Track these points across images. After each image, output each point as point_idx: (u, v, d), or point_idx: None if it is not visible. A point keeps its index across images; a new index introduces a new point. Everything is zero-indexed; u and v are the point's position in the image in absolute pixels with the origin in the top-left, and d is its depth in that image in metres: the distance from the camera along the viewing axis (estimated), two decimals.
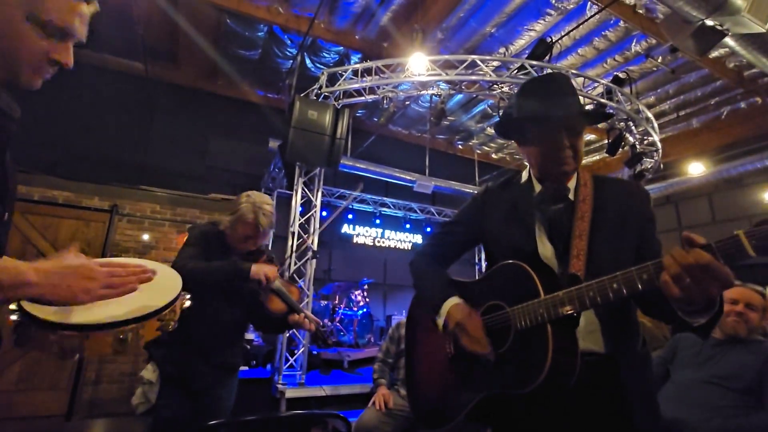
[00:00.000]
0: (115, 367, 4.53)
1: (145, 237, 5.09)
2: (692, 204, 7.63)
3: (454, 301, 1.16)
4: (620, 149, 5.72)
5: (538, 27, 5.26)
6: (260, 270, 1.68)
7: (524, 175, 1.24)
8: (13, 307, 0.69)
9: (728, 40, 3.81)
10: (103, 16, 0.89)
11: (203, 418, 1.74)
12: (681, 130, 7.31)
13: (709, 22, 3.49)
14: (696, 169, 6.70)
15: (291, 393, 3.93)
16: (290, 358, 4.30)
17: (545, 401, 1.02)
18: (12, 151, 0.85)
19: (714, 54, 5.36)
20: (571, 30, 5.13)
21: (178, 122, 6.46)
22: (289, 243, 4.64)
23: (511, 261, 1.09)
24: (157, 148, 6.18)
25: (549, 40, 4.94)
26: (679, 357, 2.16)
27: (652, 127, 5.64)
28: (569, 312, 0.95)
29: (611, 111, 5.33)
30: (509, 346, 1.04)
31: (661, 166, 6.20)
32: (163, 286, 0.85)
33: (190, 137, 6.51)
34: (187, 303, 0.91)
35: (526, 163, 1.25)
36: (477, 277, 1.24)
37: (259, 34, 5.59)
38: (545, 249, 1.11)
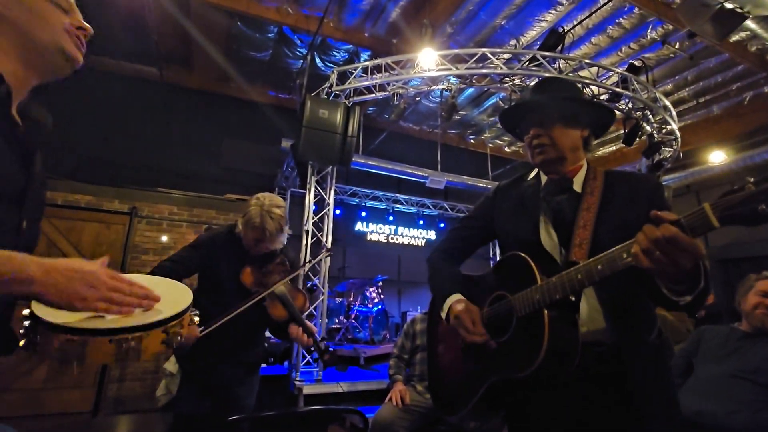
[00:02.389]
0: (138, 365, 4.65)
1: (164, 238, 5.20)
2: (714, 193, 7.15)
3: (455, 297, 1.22)
4: (637, 139, 5.59)
5: (550, 17, 5.16)
6: None
7: (533, 173, 1.30)
8: (26, 312, 0.68)
9: (749, 23, 3.69)
10: (119, 24, 0.93)
11: (222, 415, 1.77)
12: (701, 117, 7.09)
13: (729, 5, 3.38)
14: (717, 157, 6.49)
15: (308, 389, 3.97)
16: (307, 355, 4.35)
17: (551, 389, 1.04)
18: (44, 162, 0.87)
19: (734, 38, 5.17)
20: (584, 19, 5.02)
21: (193, 125, 6.57)
22: (303, 241, 4.68)
23: (512, 252, 1.13)
24: (173, 151, 6.30)
25: (561, 30, 4.85)
26: (702, 350, 2.12)
27: (671, 116, 5.49)
28: (562, 296, 0.97)
29: (621, 103, 5.21)
30: (511, 333, 1.07)
31: (681, 155, 6.03)
32: (170, 300, 0.84)
33: (205, 139, 6.61)
34: (196, 319, 0.88)
35: None
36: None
37: (269, 35, 5.64)
38: (549, 239, 1.14)
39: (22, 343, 0.69)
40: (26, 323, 0.68)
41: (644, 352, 1.03)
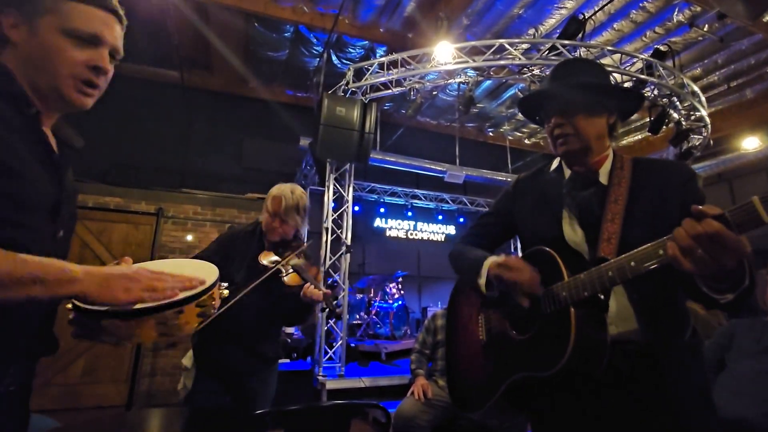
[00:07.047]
0: (167, 361, 4.82)
1: (189, 237, 5.35)
2: (748, 181, 7.08)
3: (493, 258, 1.15)
4: (664, 127, 5.39)
5: (569, 4, 5.02)
6: None
7: (555, 163, 1.24)
8: (69, 306, 0.73)
9: None
10: (140, 30, 0.95)
11: (238, 408, 1.80)
12: (733, 102, 6.77)
13: None
14: (751, 143, 6.20)
15: (331, 384, 4.03)
16: (329, 350, 4.40)
17: (577, 388, 1.00)
18: (74, 175, 0.92)
19: None
20: (606, 4, 4.86)
21: (214, 126, 6.72)
22: (324, 239, 4.73)
23: (538, 247, 1.08)
24: (196, 153, 6.47)
25: (581, 16, 4.71)
26: (736, 345, 2.03)
27: (699, 101, 5.26)
28: (591, 294, 0.92)
29: (647, 89, 5.03)
30: (535, 331, 1.04)
31: (711, 142, 5.77)
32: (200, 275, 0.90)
33: (226, 140, 6.76)
34: (225, 292, 0.93)
35: None
36: None
37: (286, 35, 5.70)
38: (575, 235, 1.08)
39: (72, 332, 0.74)
40: (72, 315, 0.73)
41: (678, 351, 0.98)
